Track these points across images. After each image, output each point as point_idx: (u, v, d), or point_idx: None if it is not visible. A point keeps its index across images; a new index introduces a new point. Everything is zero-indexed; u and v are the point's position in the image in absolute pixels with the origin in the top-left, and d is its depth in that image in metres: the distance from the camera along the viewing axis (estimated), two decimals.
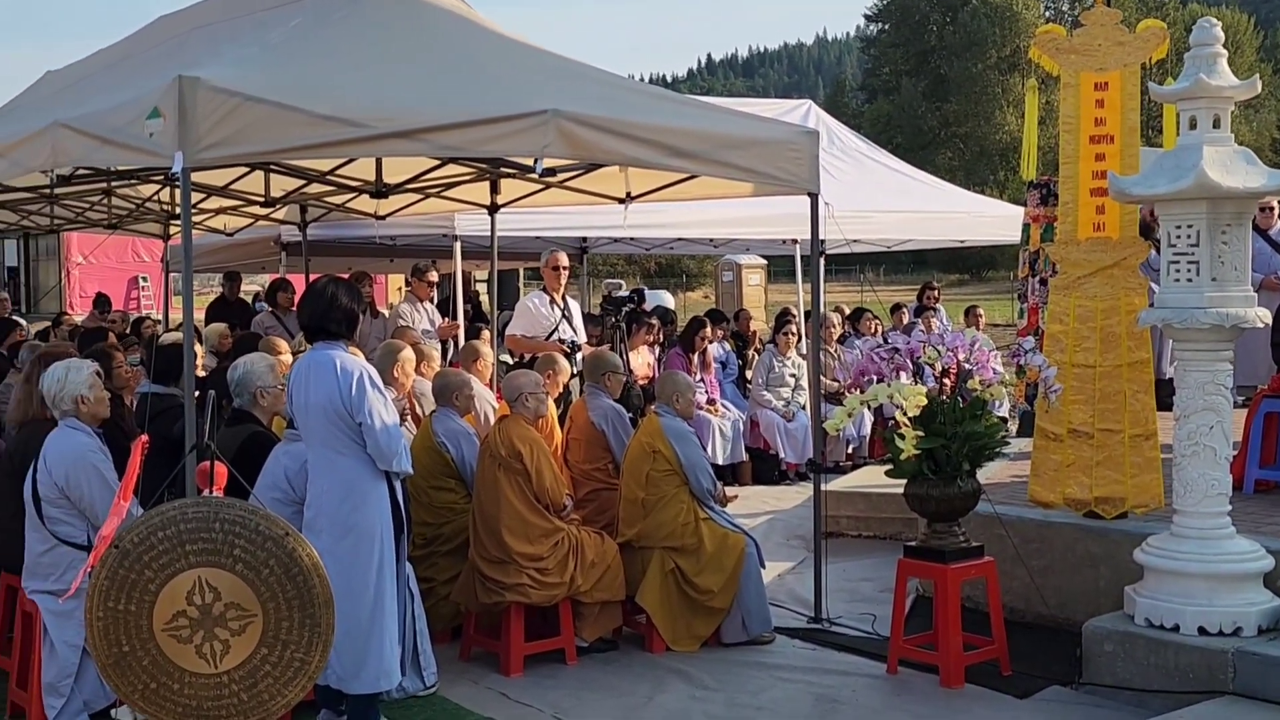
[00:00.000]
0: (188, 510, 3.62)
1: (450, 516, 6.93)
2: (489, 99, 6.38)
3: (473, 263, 13.98)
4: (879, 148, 16.60)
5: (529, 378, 6.96)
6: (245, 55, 6.51)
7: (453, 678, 6.32)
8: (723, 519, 7.08)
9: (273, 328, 11.37)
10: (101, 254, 28.98)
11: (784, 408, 12.12)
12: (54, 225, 13.65)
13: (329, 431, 5.42)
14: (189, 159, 5.48)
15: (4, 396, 8.80)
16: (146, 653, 3.60)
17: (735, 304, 25.19)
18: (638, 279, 47.70)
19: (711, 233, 13.73)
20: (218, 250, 13.86)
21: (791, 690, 6.22)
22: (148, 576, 3.58)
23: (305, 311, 5.61)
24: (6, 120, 8.73)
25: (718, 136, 6.99)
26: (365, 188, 9.60)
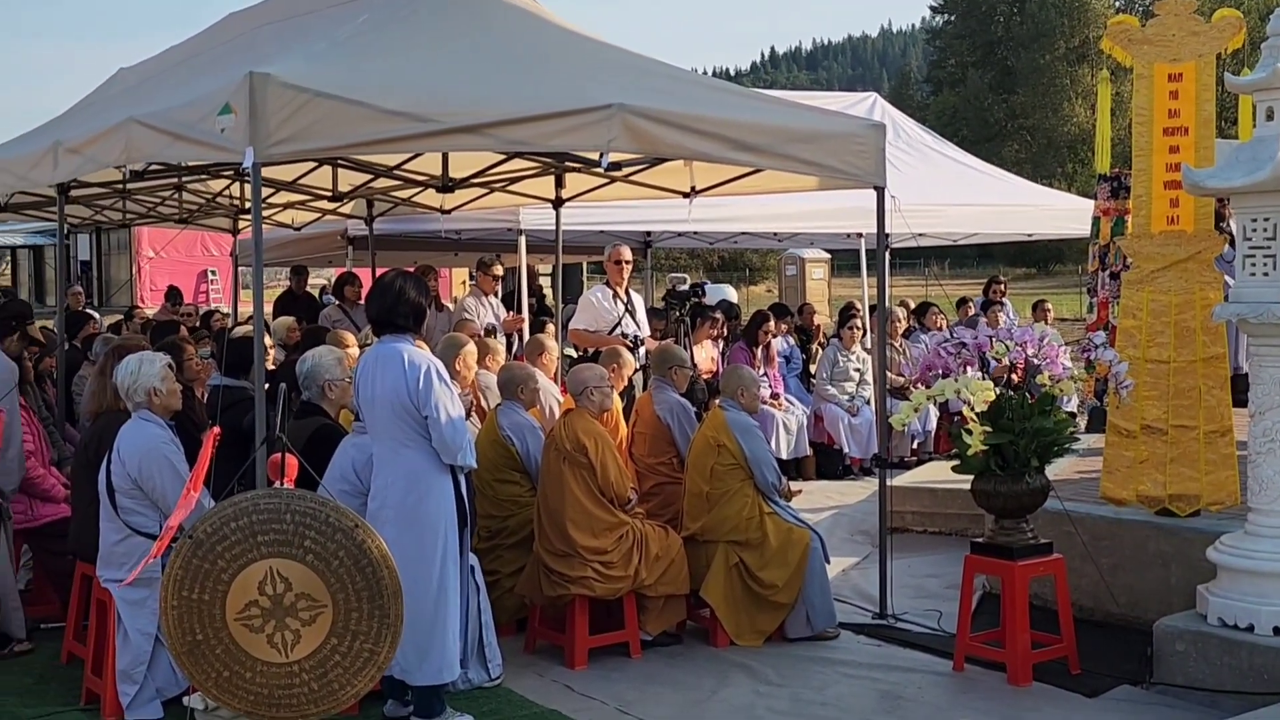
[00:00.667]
0: (260, 501, 3.67)
1: (515, 510, 6.96)
2: (555, 93, 6.40)
3: (536, 256, 14.02)
4: (945, 140, 16.44)
5: (594, 371, 6.98)
6: (314, 51, 6.57)
7: (518, 670, 6.36)
8: (787, 513, 7.05)
9: (339, 321, 11.48)
10: (171, 248, 29.44)
11: (848, 402, 12.06)
12: (126, 220, 13.87)
13: (395, 424, 5.46)
14: (259, 154, 5.55)
15: (79, 388, 8.96)
16: (219, 641, 3.65)
17: (798, 298, 25.08)
18: (701, 273, 47.63)
19: (776, 227, 13.67)
20: (285, 244, 14.01)
21: (856, 686, 6.19)
22: (220, 566, 3.63)
23: (373, 305, 5.66)
24: (81, 117, 8.89)
25: (783, 130, 6.96)
26: (431, 182, 9.65)
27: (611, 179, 9.11)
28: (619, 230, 12.65)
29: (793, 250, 27.44)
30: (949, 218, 13.33)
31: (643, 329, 9.84)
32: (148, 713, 5.65)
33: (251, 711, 3.76)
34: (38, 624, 6.99)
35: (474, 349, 7.46)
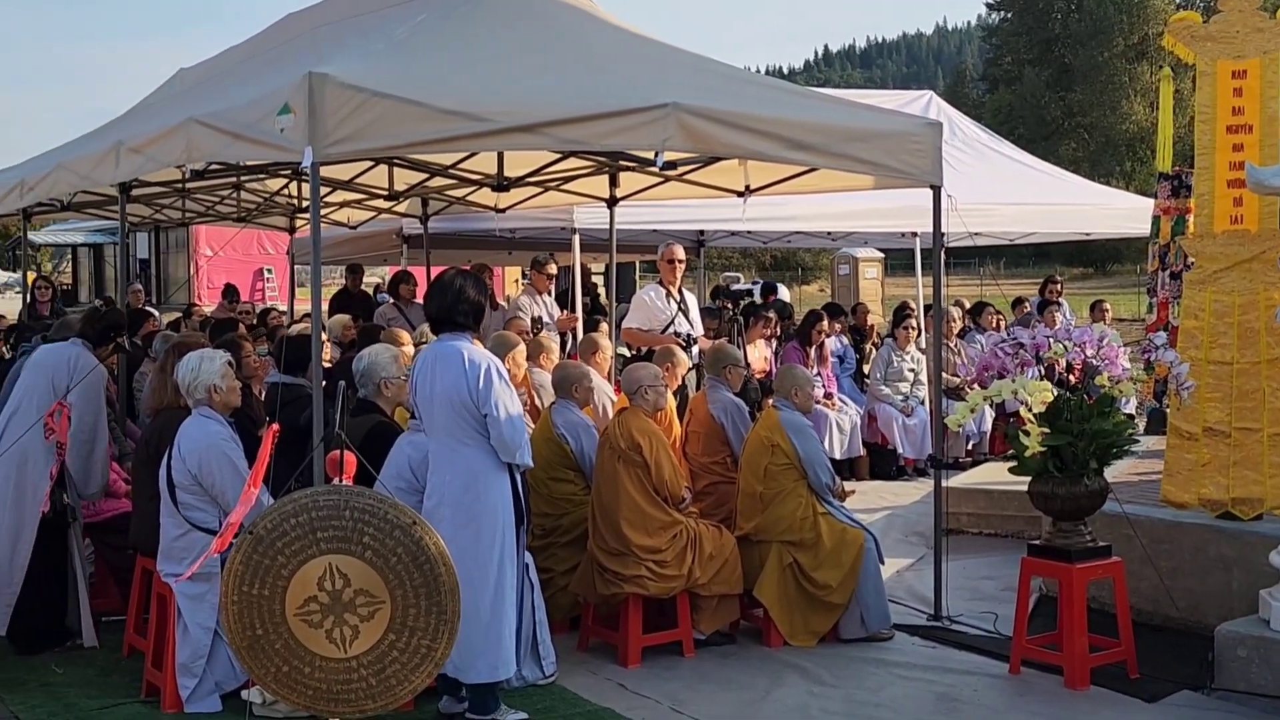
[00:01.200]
0: (319, 498, 3.70)
1: (569, 508, 6.98)
2: (610, 92, 6.41)
3: (589, 255, 14.05)
4: (1001, 139, 16.30)
5: (648, 370, 6.98)
6: (372, 51, 6.62)
7: (571, 667, 6.37)
8: (841, 514, 7.02)
9: (395, 319, 11.55)
10: (228, 246, 29.73)
11: (902, 402, 11.99)
12: (185, 219, 14.03)
13: (453, 422, 5.49)
14: (318, 154, 5.60)
15: (139, 385, 9.08)
16: (279, 636, 3.68)
17: (851, 298, 24.94)
18: (753, 272, 47.52)
19: (830, 226, 13.61)
20: (341, 243, 14.12)
21: (911, 688, 6.15)
22: (280, 562, 3.67)
23: (432, 303, 5.69)
24: (142, 117, 9.01)
25: (839, 129, 6.93)
26: (486, 181, 9.70)
27: (666, 178, 9.11)
28: (672, 229, 12.65)
29: (846, 249, 27.27)
30: (1005, 217, 13.21)
31: (696, 328, 9.83)
32: (207, 706, 5.73)
33: (310, 706, 3.79)
34: (99, 617, 7.08)
35: (524, 348, 7.48)
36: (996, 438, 12.37)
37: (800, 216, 12.45)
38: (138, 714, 5.69)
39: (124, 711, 5.72)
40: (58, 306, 15.07)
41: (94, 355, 6.90)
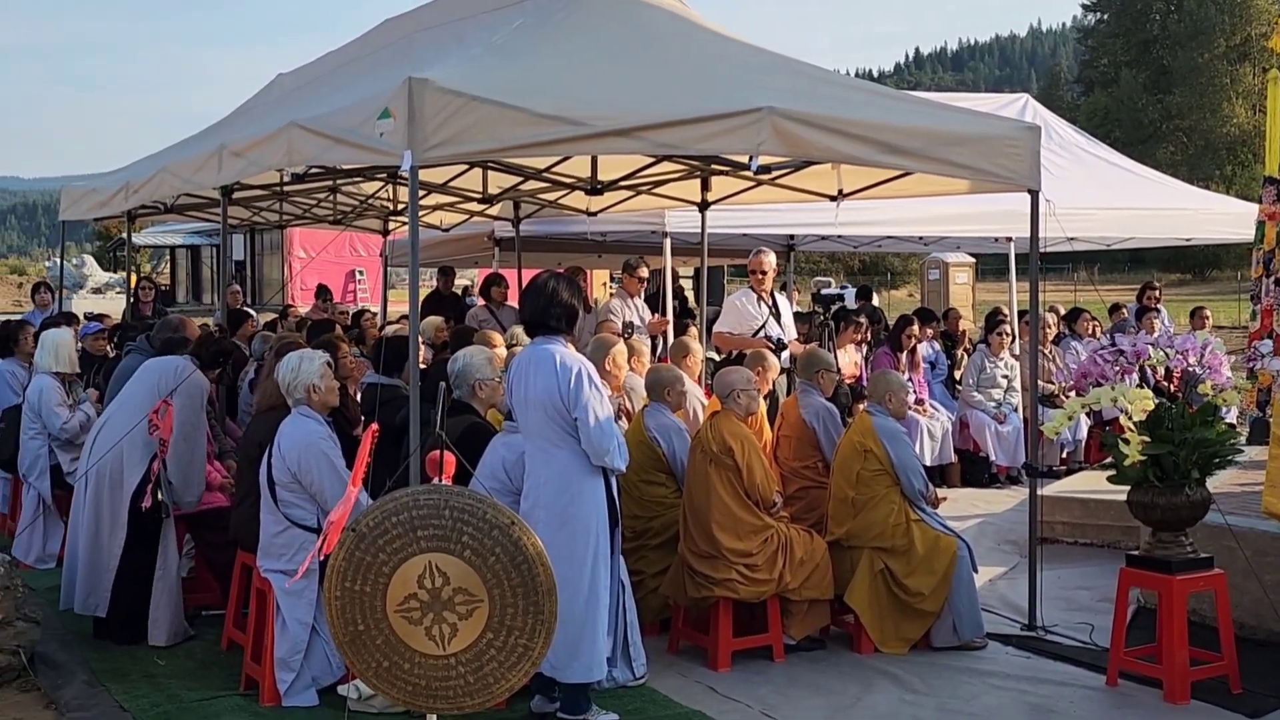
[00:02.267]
0: (419, 497, 3.75)
1: (660, 511, 6.99)
2: (705, 97, 6.42)
3: (678, 259, 14.06)
4: (1098, 142, 16.04)
5: (741, 374, 6.97)
6: (470, 56, 6.70)
7: (661, 670, 6.38)
8: (934, 521, 6.96)
9: (486, 321, 11.66)
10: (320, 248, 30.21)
11: (995, 409, 11.85)
12: (282, 221, 14.30)
13: (547, 425, 5.53)
14: (417, 157, 5.67)
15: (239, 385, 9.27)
16: (380, 632, 3.74)
17: (941, 303, 24.71)
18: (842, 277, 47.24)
19: (922, 230, 13.49)
20: (433, 245, 14.28)
21: (1005, 698, 6.08)
22: (382, 559, 3.72)
23: (526, 306, 5.74)
24: (243, 122, 9.20)
25: (935, 133, 6.87)
26: (580, 184, 9.76)
27: (758, 182, 9.10)
28: (763, 233, 12.62)
29: (936, 254, 27.05)
30: (1102, 221, 12.99)
31: (788, 332, 9.80)
32: (304, 700, 5.82)
33: (410, 702, 3.85)
34: (199, 610, 7.24)
35: (624, 350, 7.50)
36: (1092, 446, 12.18)
37: (892, 221, 12.35)
38: (237, 707, 5.80)
39: (224, 704, 5.83)
40: (158, 306, 15.45)
41: (201, 373, 7.07)
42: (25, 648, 6.10)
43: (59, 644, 6.73)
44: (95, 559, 6.82)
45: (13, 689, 6.00)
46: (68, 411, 8.66)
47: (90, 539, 6.84)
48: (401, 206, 12.27)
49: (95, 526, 6.84)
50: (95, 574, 6.82)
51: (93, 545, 6.83)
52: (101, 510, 6.82)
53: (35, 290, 15.59)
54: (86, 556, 6.84)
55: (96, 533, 6.83)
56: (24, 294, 41.87)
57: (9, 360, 9.91)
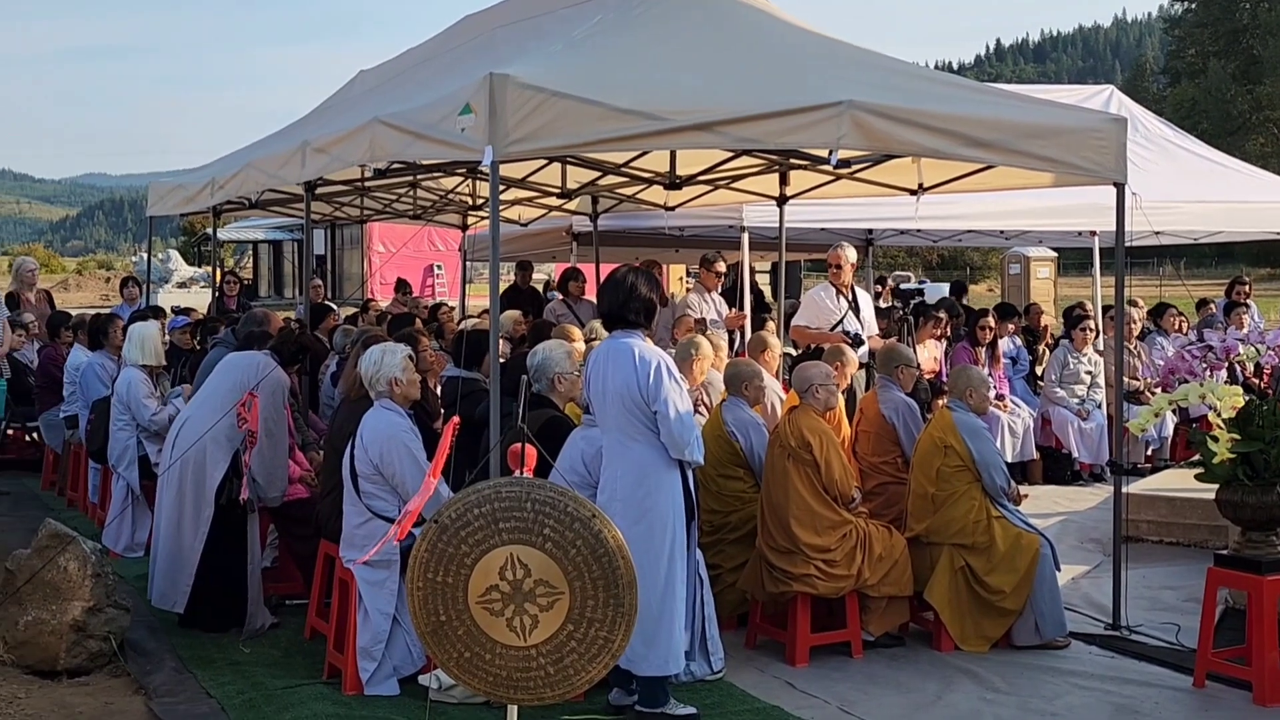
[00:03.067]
0: (501, 489, 3.78)
1: (738, 505, 6.98)
2: (785, 90, 6.40)
3: (755, 254, 14.02)
4: (1185, 134, 15.73)
5: (820, 369, 6.94)
6: (550, 52, 6.73)
7: (739, 664, 6.38)
8: (1016, 518, 6.88)
9: (564, 315, 11.71)
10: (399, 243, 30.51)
11: (1079, 405, 11.68)
12: (363, 216, 14.47)
13: (625, 418, 5.55)
14: (498, 152, 5.72)
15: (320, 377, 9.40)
16: (462, 623, 3.77)
17: (1022, 298, 24.37)
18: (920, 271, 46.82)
19: (1003, 224, 13.32)
20: (511, 240, 14.37)
21: (1088, 698, 6.00)
22: (464, 551, 3.76)
23: (605, 300, 5.76)
24: (326, 118, 9.32)
25: (1018, 125, 6.79)
26: (658, 179, 9.76)
27: (837, 176, 9.05)
28: (841, 228, 12.54)
29: (1017, 248, 26.66)
30: (1190, 215, 12.74)
31: (867, 327, 9.73)
32: (385, 689, 5.89)
33: (491, 692, 3.88)
34: (282, 600, 7.35)
35: (710, 351, 7.49)
36: (1178, 443, 11.97)
37: (973, 215, 12.22)
38: (320, 694, 5.87)
39: (307, 692, 5.91)
40: (242, 300, 15.71)
41: (281, 369, 7.17)
42: (115, 634, 6.24)
43: (148, 631, 6.87)
44: (174, 554, 6.94)
45: (104, 674, 6.14)
46: (156, 404, 8.84)
47: (171, 534, 6.97)
48: (480, 201, 12.36)
49: (177, 521, 6.96)
50: (173, 570, 6.94)
51: (173, 541, 6.95)
52: (184, 504, 6.94)
53: (124, 285, 15.92)
54: (167, 552, 6.97)
55: (178, 527, 6.95)
56: (111, 288, 42.82)
57: (99, 353, 10.14)
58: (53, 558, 6.14)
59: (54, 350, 11.43)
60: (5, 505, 10.45)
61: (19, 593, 6.13)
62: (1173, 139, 14.59)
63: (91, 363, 10.04)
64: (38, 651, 6.07)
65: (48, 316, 12.35)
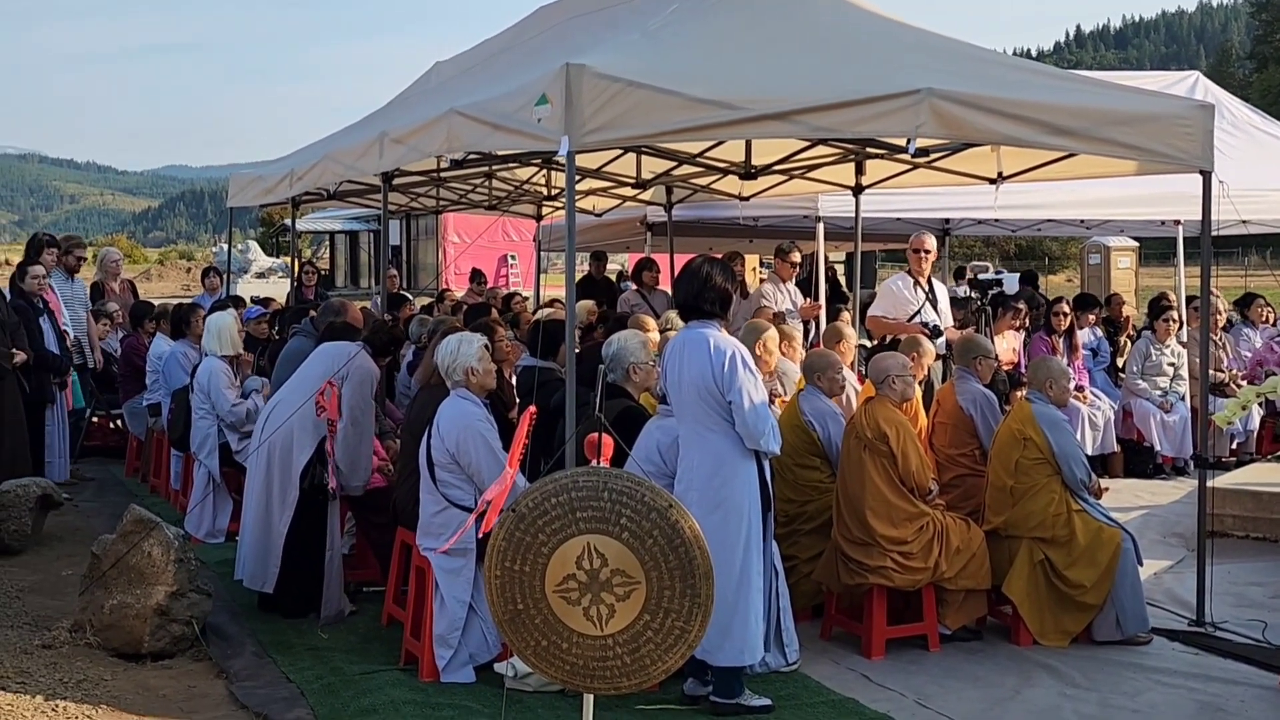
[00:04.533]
0: (579, 479, 3.78)
1: (814, 495, 6.95)
2: (862, 79, 6.34)
3: (830, 244, 13.94)
4: (1273, 120, 15.38)
5: (896, 360, 6.88)
6: (626, 42, 6.72)
7: (814, 656, 6.35)
8: (1097, 511, 6.78)
9: (638, 305, 11.72)
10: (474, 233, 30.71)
11: (1161, 398, 11.48)
12: (438, 206, 14.57)
13: (700, 408, 5.54)
14: (574, 142, 5.73)
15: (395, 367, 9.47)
16: (539, 612, 3.79)
17: (1102, 288, 23.97)
18: (997, 261, 46.24)
19: (1084, 214, 13.12)
20: (586, 230, 14.40)
21: (1171, 695, 5.89)
22: (541, 540, 3.77)
23: (681, 290, 5.74)
24: (403, 109, 9.40)
25: (1101, 112, 6.67)
26: (733, 169, 9.74)
27: (914, 165, 8.96)
28: (917, 217, 12.43)
29: (1097, 238, 26.23)
30: (1278, 202, 12.47)
31: (944, 319, 9.62)
32: (461, 676, 5.93)
33: (567, 681, 3.89)
34: (360, 587, 7.43)
35: (775, 334, 7.47)
36: (1265, 437, 11.74)
37: (1053, 204, 12.06)
38: (397, 681, 5.92)
39: (384, 678, 5.96)
40: (320, 291, 15.89)
41: (373, 360, 7.24)
42: (198, 619, 6.34)
43: (229, 616, 6.98)
44: (264, 537, 7.04)
45: (186, 658, 6.24)
46: (236, 394, 8.96)
47: (260, 517, 7.07)
48: (555, 191, 12.40)
49: (265, 504, 7.06)
50: (264, 552, 7.04)
51: (262, 523, 7.05)
52: (271, 488, 7.04)
53: (204, 275, 16.18)
54: (256, 534, 7.07)
55: (266, 510, 7.05)
56: (192, 278, 43.56)
57: (181, 342, 10.30)
58: (137, 543, 6.26)
59: (137, 340, 11.64)
60: (90, 492, 10.66)
61: (105, 577, 6.25)
62: (1261, 125, 14.27)
63: (174, 352, 10.21)
64: (123, 635, 6.19)
65: (131, 306, 12.58)
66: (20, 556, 8.14)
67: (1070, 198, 11.66)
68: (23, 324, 9.66)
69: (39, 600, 7.14)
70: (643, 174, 10.43)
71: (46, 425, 10.14)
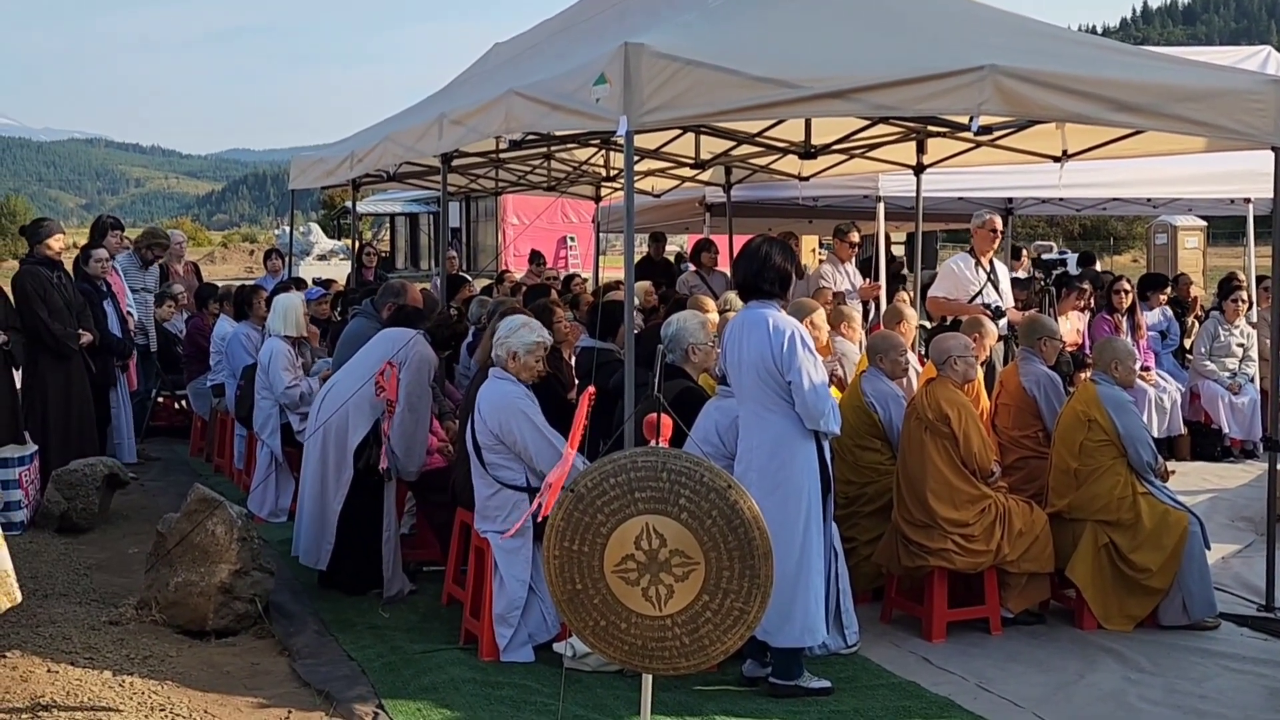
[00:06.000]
0: (637, 459, 3.77)
1: (874, 477, 6.90)
2: (923, 56, 6.25)
3: (891, 224, 13.82)
4: None
5: (958, 340, 6.80)
6: (684, 21, 6.67)
7: (873, 638, 6.31)
8: (1163, 494, 6.67)
9: (696, 286, 11.68)
10: (533, 215, 30.77)
11: (1230, 379, 11.28)
12: (497, 188, 14.60)
13: (760, 389, 5.51)
14: (633, 122, 5.69)
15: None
16: (598, 592, 3.78)
17: (1169, 268, 23.58)
18: (1061, 241, 45.68)
19: (1151, 192, 12.92)
20: (645, 211, 14.37)
21: (1240, 681, 5.80)
22: (600, 520, 3.76)
23: (740, 270, 5.71)
24: (462, 91, 9.40)
25: (1169, 88, 6.53)
26: (792, 149, 9.65)
27: (977, 143, 8.84)
28: (980, 196, 12.29)
29: (1164, 217, 25.81)
30: None
31: (1005, 299, 9.50)
32: (520, 656, 5.95)
33: (626, 661, 3.88)
34: (420, 566, 7.48)
35: (823, 312, 7.40)
36: None
37: (1118, 182, 11.88)
38: (457, 660, 5.96)
39: (444, 657, 6.00)
40: (380, 272, 16.00)
41: (432, 349, 7.26)
42: (260, 596, 6.40)
43: (291, 594, 7.05)
44: (320, 515, 7.10)
45: (249, 635, 6.31)
46: (292, 376, 9.02)
47: (316, 495, 7.13)
48: (614, 173, 12.38)
49: (321, 484, 7.12)
50: (319, 529, 7.10)
51: (319, 502, 7.11)
52: (328, 468, 7.10)
53: (267, 257, 16.34)
54: (312, 512, 7.13)
55: (322, 490, 7.11)
56: (255, 260, 44.06)
57: (244, 323, 10.41)
58: (201, 521, 6.33)
59: (200, 321, 11.78)
60: (156, 471, 10.82)
61: (169, 555, 6.33)
62: None
63: (237, 333, 10.31)
64: (187, 612, 6.27)
65: (196, 288, 12.73)
66: (88, 535, 8.27)
67: (1137, 176, 11.49)
68: (88, 306, 9.79)
69: (106, 578, 7.25)
70: (701, 154, 10.39)
71: (111, 407, 10.29)
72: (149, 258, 12.15)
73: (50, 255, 9.43)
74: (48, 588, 6.83)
